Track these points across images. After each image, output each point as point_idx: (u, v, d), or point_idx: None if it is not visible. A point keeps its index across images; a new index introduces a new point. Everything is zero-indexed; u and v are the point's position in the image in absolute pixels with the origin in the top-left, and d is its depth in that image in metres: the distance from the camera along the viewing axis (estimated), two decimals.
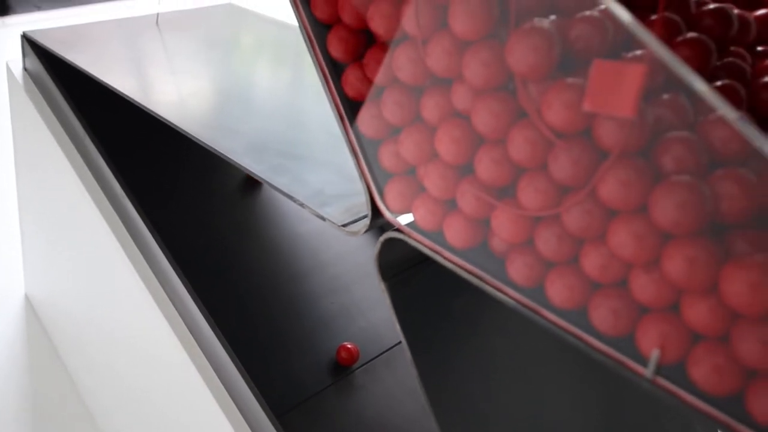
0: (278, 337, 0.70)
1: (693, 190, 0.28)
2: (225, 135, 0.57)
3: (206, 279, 0.69)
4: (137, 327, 0.69)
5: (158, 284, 0.66)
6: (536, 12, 0.33)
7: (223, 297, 0.70)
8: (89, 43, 0.76)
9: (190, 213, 0.74)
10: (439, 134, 0.36)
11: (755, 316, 0.27)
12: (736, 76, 0.35)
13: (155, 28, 0.83)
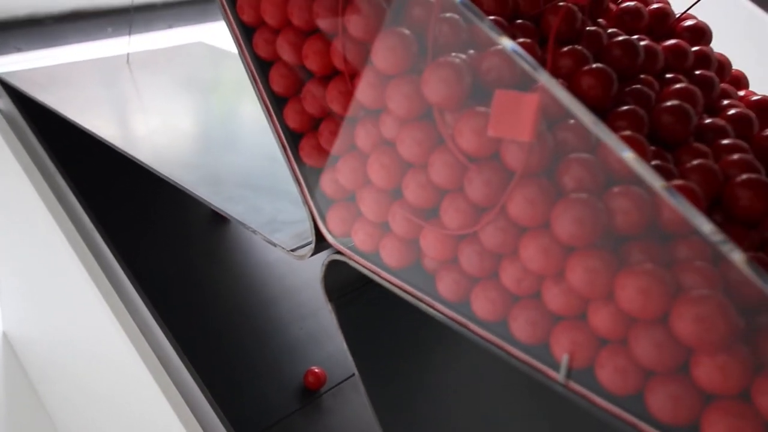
0: (246, 362, 0.72)
1: (588, 206, 0.31)
2: (185, 168, 0.59)
3: (176, 308, 0.71)
4: (110, 359, 0.71)
5: (128, 315, 0.68)
6: (454, 47, 0.36)
7: (192, 325, 0.72)
8: (61, 83, 0.79)
9: (160, 245, 0.76)
10: (370, 161, 0.39)
11: (648, 320, 0.30)
12: (641, 101, 0.38)
13: (126, 68, 0.86)
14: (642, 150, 0.34)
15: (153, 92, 0.81)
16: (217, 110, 0.77)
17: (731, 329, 0.28)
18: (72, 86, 0.79)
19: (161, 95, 0.80)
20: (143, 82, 0.83)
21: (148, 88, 0.82)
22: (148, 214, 0.79)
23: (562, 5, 0.41)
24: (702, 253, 0.31)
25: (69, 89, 0.78)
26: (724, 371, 0.28)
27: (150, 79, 0.84)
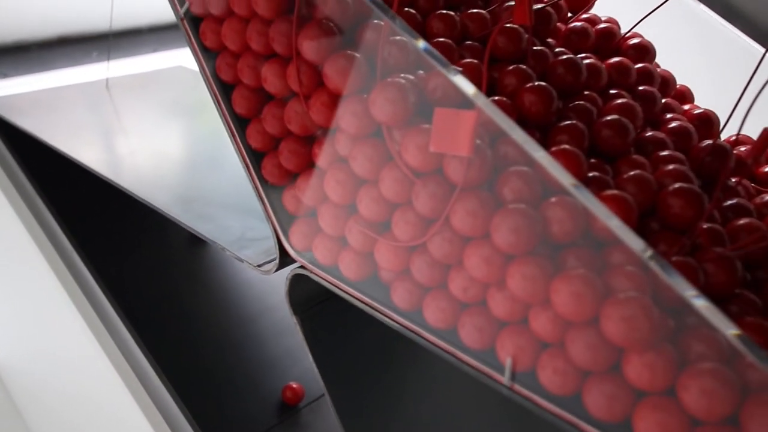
0: (225, 378, 0.73)
1: (524, 216, 0.32)
2: (159, 189, 0.61)
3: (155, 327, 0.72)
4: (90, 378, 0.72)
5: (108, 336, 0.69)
6: (403, 68, 0.38)
7: (171, 343, 0.73)
8: (41, 108, 0.81)
9: (140, 266, 0.78)
10: (326, 178, 0.40)
11: (581, 322, 0.31)
12: (583, 116, 0.40)
13: (106, 92, 0.88)
14: (577, 162, 0.35)
15: (131, 116, 0.83)
16: (193, 132, 0.79)
17: (655, 328, 0.30)
18: (52, 111, 0.80)
19: (139, 118, 0.82)
20: (122, 106, 0.85)
21: (126, 112, 0.84)
22: (129, 236, 0.80)
23: (508, 26, 0.43)
24: (633, 259, 0.32)
25: (49, 114, 0.79)
26: (651, 369, 0.30)
27: (129, 102, 0.86)
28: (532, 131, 0.39)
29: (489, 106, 0.32)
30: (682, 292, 0.28)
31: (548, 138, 0.39)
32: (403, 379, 0.52)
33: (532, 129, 0.39)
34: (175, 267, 0.80)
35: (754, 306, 0.34)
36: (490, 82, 0.41)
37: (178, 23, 0.46)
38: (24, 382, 0.90)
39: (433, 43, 0.42)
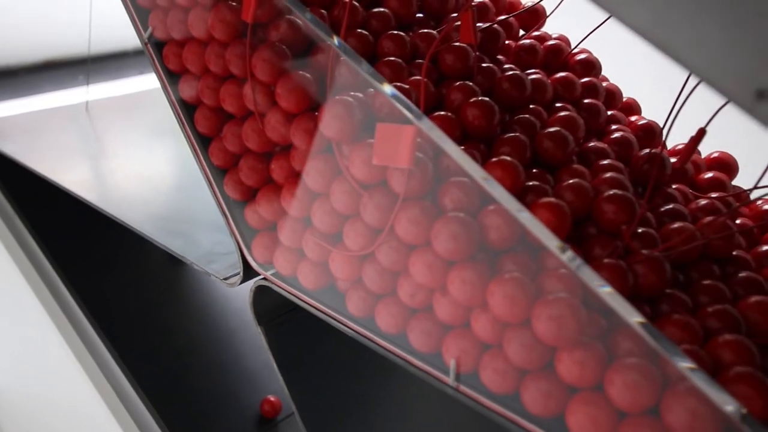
0: (204, 392, 0.74)
1: (462, 224, 0.34)
2: (133, 208, 0.63)
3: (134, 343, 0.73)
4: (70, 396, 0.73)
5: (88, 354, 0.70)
6: (353, 87, 0.40)
7: (149, 358, 0.74)
8: (21, 132, 0.83)
9: (120, 283, 0.79)
10: (283, 192, 0.42)
11: (516, 323, 0.33)
12: (527, 129, 0.42)
13: (87, 115, 0.90)
14: (513, 172, 0.37)
15: (109, 137, 0.85)
16: (170, 152, 0.80)
17: (582, 327, 0.31)
18: (32, 135, 0.82)
19: (117, 140, 0.84)
20: (101, 128, 0.87)
21: (104, 134, 0.86)
22: (108, 254, 0.81)
23: (456, 45, 0.45)
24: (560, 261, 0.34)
25: (29, 137, 0.81)
26: (580, 365, 0.31)
27: (108, 124, 0.88)
28: (477, 144, 0.41)
29: (425, 123, 0.34)
30: (590, 283, 0.30)
31: (492, 149, 0.41)
32: (370, 388, 0.53)
33: (477, 141, 0.41)
34: (155, 283, 0.81)
35: (684, 304, 0.36)
36: (439, 98, 0.43)
37: (143, 47, 0.48)
38: (2, 400, 0.91)
39: (383, 62, 0.44)
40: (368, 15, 0.47)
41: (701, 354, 0.32)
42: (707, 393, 0.27)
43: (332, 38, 0.38)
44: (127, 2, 0.48)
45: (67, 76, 1.13)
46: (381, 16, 0.47)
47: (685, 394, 0.29)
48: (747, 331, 0.35)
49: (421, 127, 0.34)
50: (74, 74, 1.14)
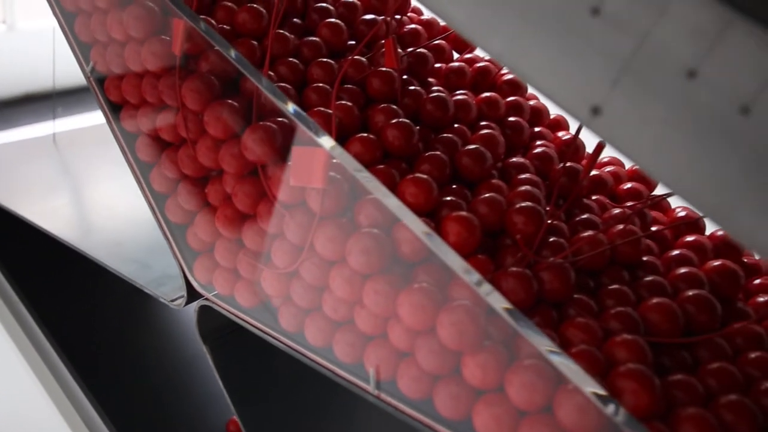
0: (171, 414, 0.75)
1: (373, 238, 0.36)
2: (90, 235, 0.65)
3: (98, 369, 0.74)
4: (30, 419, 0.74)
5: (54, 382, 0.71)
6: (278, 114, 0.42)
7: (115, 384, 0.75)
8: None
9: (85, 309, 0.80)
10: (217, 215, 0.44)
11: (424, 331, 0.35)
12: (449, 147, 0.45)
13: (53, 147, 0.92)
14: (427, 188, 0.39)
15: (74, 168, 0.87)
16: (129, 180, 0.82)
17: (481, 332, 0.33)
18: None
19: (82, 170, 0.86)
20: (67, 159, 0.89)
21: (70, 165, 0.88)
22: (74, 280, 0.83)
23: (382, 70, 0.47)
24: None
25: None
26: (483, 368, 0.33)
27: (74, 156, 0.90)
28: (399, 162, 0.43)
29: (331, 146, 0.36)
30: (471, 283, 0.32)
31: (413, 167, 0.43)
32: (316, 406, 0.55)
33: (398, 160, 0.43)
34: (119, 310, 0.82)
35: (589, 308, 0.38)
36: (364, 120, 0.46)
37: (86, 81, 0.50)
38: None
39: (311, 88, 0.46)
40: (300, 43, 0.50)
41: (594, 353, 0.33)
42: (580, 388, 0.29)
43: (254, 77, 0.40)
44: (70, 38, 0.50)
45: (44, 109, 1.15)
46: (312, 44, 0.49)
47: (572, 391, 0.30)
48: (647, 330, 0.37)
49: (332, 153, 0.36)
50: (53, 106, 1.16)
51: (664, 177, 0.23)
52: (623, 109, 0.23)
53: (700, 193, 0.22)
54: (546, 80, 0.25)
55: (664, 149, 0.22)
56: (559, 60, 0.24)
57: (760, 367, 0.36)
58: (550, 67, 0.25)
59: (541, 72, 0.25)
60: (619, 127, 0.24)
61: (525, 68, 0.25)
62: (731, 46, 0.21)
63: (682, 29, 0.21)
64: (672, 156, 0.22)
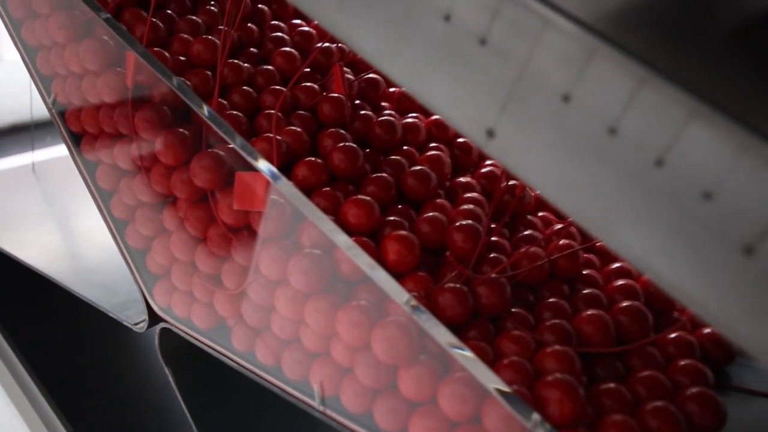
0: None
1: (312, 258, 0.38)
2: (60, 262, 0.66)
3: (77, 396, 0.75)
4: None
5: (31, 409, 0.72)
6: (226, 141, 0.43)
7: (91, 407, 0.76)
8: None
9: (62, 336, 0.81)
10: (172, 240, 0.46)
11: (362, 347, 0.36)
12: (395, 169, 0.46)
13: (32, 176, 0.93)
14: (368, 209, 0.41)
15: (53, 197, 0.88)
16: None
17: (413, 346, 0.34)
18: None
19: (61, 200, 0.87)
20: (46, 189, 0.91)
21: (48, 194, 0.89)
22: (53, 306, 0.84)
23: (332, 96, 0.49)
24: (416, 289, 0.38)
25: None
26: (417, 381, 0.34)
27: (53, 185, 0.92)
28: (345, 184, 0.45)
29: (270, 171, 0.37)
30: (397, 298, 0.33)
31: (360, 188, 0.45)
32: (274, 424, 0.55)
33: (345, 182, 0.45)
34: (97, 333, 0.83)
35: (526, 321, 0.39)
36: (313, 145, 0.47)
37: (48, 112, 0.52)
38: None
39: (263, 114, 0.48)
40: (255, 72, 0.52)
41: (523, 364, 0.35)
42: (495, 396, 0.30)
43: (198, 108, 0.41)
44: (31, 70, 0.52)
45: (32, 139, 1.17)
46: (266, 72, 0.51)
47: (497, 402, 0.32)
48: (580, 341, 0.38)
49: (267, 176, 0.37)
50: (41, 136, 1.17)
51: (550, 195, 0.24)
52: (513, 132, 0.25)
53: (580, 209, 0.24)
54: (445, 106, 0.26)
55: (550, 169, 0.24)
56: (455, 87, 0.26)
57: (689, 375, 0.37)
58: (447, 94, 0.26)
59: (440, 98, 0.26)
60: (511, 149, 0.25)
61: (426, 95, 0.27)
62: (597, 71, 0.22)
63: (555, 57, 0.23)
64: (556, 175, 0.24)
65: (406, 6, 0.27)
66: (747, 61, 0.23)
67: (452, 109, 0.26)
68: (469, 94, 0.26)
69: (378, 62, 0.28)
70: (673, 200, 0.21)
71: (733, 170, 0.20)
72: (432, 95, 0.27)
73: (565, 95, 0.23)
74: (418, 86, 0.27)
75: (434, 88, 0.26)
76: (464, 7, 0.25)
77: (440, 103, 0.27)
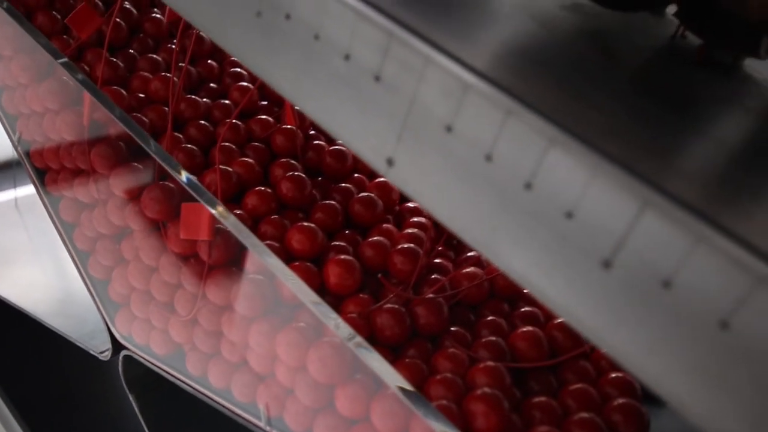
0: None
1: (255, 284, 0.39)
2: (35, 292, 0.67)
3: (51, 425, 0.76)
4: None
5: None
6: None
7: None
8: None
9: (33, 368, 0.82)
10: (129, 269, 0.47)
11: (300, 368, 0.38)
12: (343, 196, 0.48)
13: (15, 212, 0.95)
14: (312, 235, 0.43)
15: (34, 232, 0.90)
16: None
17: (346, 366, 0.36)
18: None
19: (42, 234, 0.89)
20: (28, 223, 0.93)
21: (30, 228, 0.91)
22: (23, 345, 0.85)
23: (286, 127, 0.51)
24: None
25: None
26: (351, 400, 0.36)
27: (35, 220, 0.94)
28: (294, 212, 0.46)
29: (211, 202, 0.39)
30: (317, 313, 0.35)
31: (308, 215, 0.46)
32: None
33: (294, 210, 0.47)
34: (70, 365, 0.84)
35: (464, 339, 0.41)
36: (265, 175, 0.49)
37: (14, 150, 0.54)
38: None
39: (220, 147, 0.50)
40: (212, 105, 0.54)
41: (454, 379, 0.36)
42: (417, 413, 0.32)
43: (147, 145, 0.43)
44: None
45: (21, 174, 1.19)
46: (222, 106, 0.53)
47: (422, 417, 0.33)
48: (515, 357, 0.39)
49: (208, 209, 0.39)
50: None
51: (443, 218, 0.26)
52: (409, 161, 0.27)
53: (469, 230, 0.25)
54: (351, 137, 0.28)
55: (441, 194, 0.26)
56: (358, 120, 0.28)
57: (617, 386, 0.38)
58: (352, 126, 0.28)
59: (346, 130, 0.28)
60: (408, 177, 0.27)
61: (335, 128, 0.29)
62: (472, 104, 0.24)
63: (437, 91, 0.25)
64: (446, 199, 0.26)
65: (313, 47, 0.29)
66: (609, 92, 0.25)
67: (357, 141, 0.28)
68: (370, 127, 0.28)
69: (293, 99, 0.30)
70: (541, 219, 0.23)
71: (587, 191, 0.22)
72: (340, 128, 0.29)
73: (448, 126, 0.25)
74: (327, 120, 0.29)
75: (341, 122, 0.28)
76: (360, 46, 0.27)
77: (347, 135, 0.28)
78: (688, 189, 0.22)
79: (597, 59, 0.27)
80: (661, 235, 0.21)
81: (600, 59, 0.27)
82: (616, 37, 0.32)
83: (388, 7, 0.27)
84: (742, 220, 0.21)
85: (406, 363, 0.38)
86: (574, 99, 0.26)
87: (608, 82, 0.26)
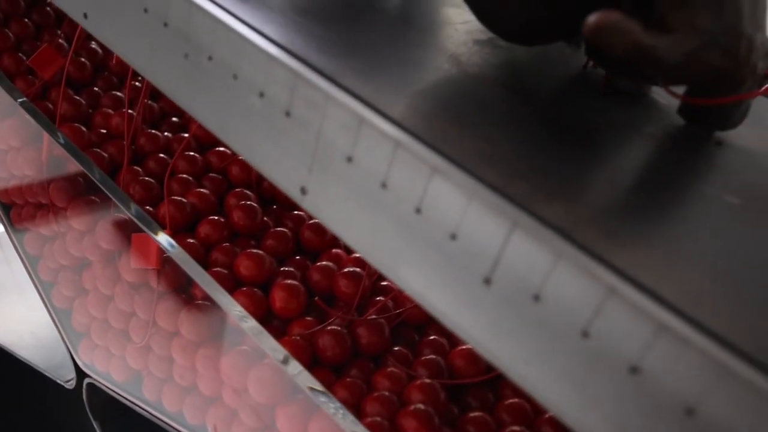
0: None
1: (202, 309, 0.41)
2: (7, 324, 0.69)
3: None
4: None
5: None
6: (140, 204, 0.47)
7: None
8: None
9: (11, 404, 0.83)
10: (89, 298, 0.49)
11: (242, 390, 0.39)
12: (295, 223, 0.50)
13: None
14: (260, 262, 0.44)
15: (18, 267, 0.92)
16: None
17: (285, 387, 0.37)
18: None
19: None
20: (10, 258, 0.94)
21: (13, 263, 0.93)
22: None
23: (241, 159, 0.53)
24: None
25: None
26: (290, 419, 0.37)
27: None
28: (246, 240, 0.48)
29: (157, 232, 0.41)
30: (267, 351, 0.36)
31: (260, 242, 0.48)
32: None
33: (246, 237, 0.48)
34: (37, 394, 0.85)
35: (405, 358, 0.42)
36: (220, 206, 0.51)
37: None
38: None
39: (176, 178, 0.52)
40: (172, 139, 0.56)
41: (389, 396, 0.38)
42: None
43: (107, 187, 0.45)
44: None
45: None
46: (181, 139, 0.55)
47: None
48: (453, 374, 0.41)
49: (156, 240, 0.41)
50: None
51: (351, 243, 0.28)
52: (319, 189, 0.29)
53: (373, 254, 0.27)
54: (269, 169, 0.30)
55: (348, 220, 0.28)
56: (274, 152, 0.30)
57: None
58: (269, 159, 0.30)
59: (265, 162, 0.30)
60: (320, 204, 0.29)
61: (255, 160, 0.31)
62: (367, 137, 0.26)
63: (337, 125, 0.27)
64: (352, 225, 0.28)
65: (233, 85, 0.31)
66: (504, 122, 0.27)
67: (274, 172, 0.30)
68: (284, 158, 0.30)
69: (218, 134, 0.32)
70: (430, 242, 0.25)
71: (466, 214, 0.24)
72: (259, 160, 0.31)
73: (349, 157, 0.27)
74: (248, 153, 0.31)
75: (260, 154, 0.30)
76: (272, 84, 0.29)
77: (265, 166, 0.30)
78: (558, 210, 0.23)
79: (501, 92, 0.29)
80: (529, 253, 0.23)
81: (505, 92, 0.29)
82: (529, 68, 0.34)
83: (300, 50, 0.29)
84: (603, 238, 0.22)
85: (346, 382, 0.39)
86: (463, 130, 0.28)
87: (507, 113, 0.28)
